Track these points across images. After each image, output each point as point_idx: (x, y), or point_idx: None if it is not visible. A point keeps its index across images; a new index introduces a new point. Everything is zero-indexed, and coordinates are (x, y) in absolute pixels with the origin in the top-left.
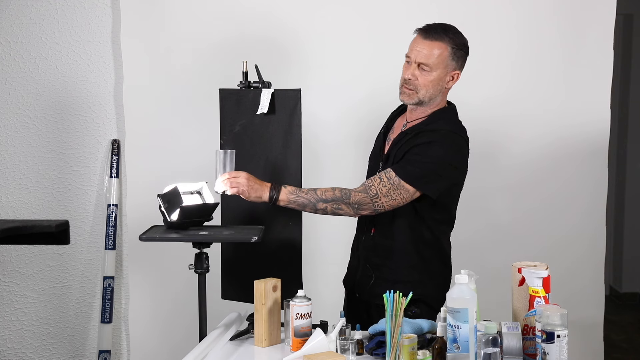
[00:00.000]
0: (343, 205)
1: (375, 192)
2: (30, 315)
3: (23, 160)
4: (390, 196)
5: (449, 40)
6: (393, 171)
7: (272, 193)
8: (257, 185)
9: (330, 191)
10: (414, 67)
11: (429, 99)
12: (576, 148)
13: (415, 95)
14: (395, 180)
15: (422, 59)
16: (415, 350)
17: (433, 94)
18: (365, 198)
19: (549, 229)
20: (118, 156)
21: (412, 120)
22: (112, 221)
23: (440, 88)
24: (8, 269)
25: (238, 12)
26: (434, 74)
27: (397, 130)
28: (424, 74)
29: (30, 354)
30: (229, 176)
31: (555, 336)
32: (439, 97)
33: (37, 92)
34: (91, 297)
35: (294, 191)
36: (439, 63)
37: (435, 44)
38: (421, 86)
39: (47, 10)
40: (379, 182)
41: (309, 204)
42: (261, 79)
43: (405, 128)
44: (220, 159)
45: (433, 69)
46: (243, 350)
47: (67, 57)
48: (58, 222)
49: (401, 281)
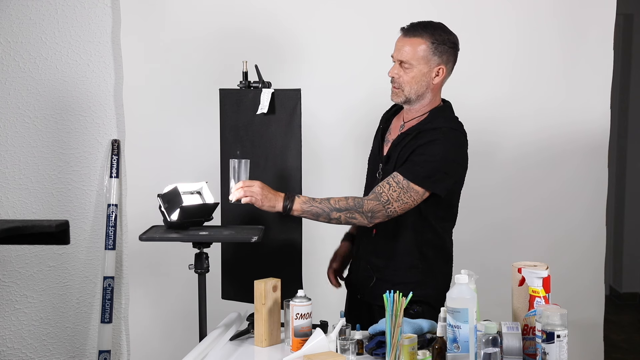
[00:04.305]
0: (357, 214)
1: (387, 199)
2: (30, 315)
3: (23, 160)
4: (401, 200)
5: (428, 36)
6: (400, 174)
7: (286, 203)
8: (270, 195)
9: (344, 200)
10: (397, 66)
11: (416, 95)
12: (576, 148)
13: (402, 94)
14: (404, 184)
15: (402, 56)
16: (415, 350)
17: (418, 90)
18: (377, 205)
19: (549, 229)
20: (118, 156)
21: (410, 119)
22: (112, 221)
23: (425, 84)
24: (8, 269)
25: (238, 12)
26: (415, 70)
27: (395, 130)
28: (406, 71)
29: (30, 354)
30: (243, 185)
31: (555, 336)
32: (429, 94)
33: (37, 92)
34: (91, 297)
35: (307, 201)
36: (419, 59)
37: (413, 40)
38: (405, 83)
39: (47, 10)
40: (389, 188)
41: (323, 214)
42: (261, 79)
43: (403, 129)
44: (235, 169)
45: (414, 65)
46: (243, 350)
47: (67, 57)
48: (58, 222)
49: (402, 282)
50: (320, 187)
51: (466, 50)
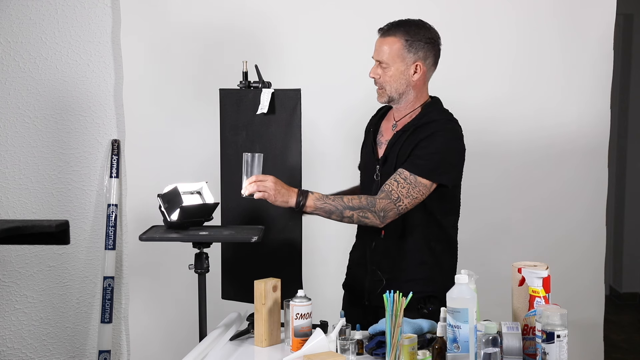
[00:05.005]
0: (369, 214)
1: (397, 196)
2: (30, 315)
3: (23, 160)
4: (411, 196)
5: (401, 34)
6: (406, 170)
7: (300, 198)
8: (284, 190)
9: (357, 199)
10: (376, 66)
11: (398, 94)
12: (576, 147)
13: (384, 93)
14: (412, 179)
15: (379, 56)
16: (415, 350)
17: (399, 89)
18: (389, 204)
19: (549, 229)
20: (118, 156)
21: (400, 118)
22: (112, 221)
23: (404, 82)
24: (8, 269)
25: (238, 12)
26: (392, 69)
27: (387, 132)
28: (385, 70)
29: (30, 354)
30: (256, 179)
31: (555, 336)
32: (411, 91)
33: (37, 92)
34: (91, 297)
35: (321, 198)
36: (394, 57)
37: (387, 39)
38: (385, 83)
39: (47, 10)
40: (397, 185)
41: (336, 211)
42: (261, 79)
43: (396, 128)
44: (248, 162)
45: (390, 64)
46: (243, 350)
47: (67, 57)
48: (58, 222)
49: (412, 280)
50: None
51: (466, 50)
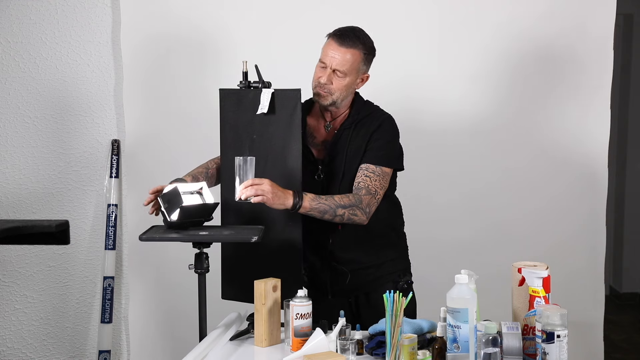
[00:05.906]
0: (357, 211)
1: (375, 190)
2: (30, 315)
3: (23, 160)
4: (383, 186)
5: (362, 47)
6: (371, 164)
7: (296, 200)
8: (280, 192)
9: (346, 197)
10: (330, 73)
11: (342, 100)
12: (576, 148)
13: (330, 97)
14: (379, 170)
15: (337, 65)
16: (415, 350)
17: (345, 96)
18: (371, 199)
19: (549, 229)
20: (118, 156)
21: (335, 118)
22: (112, 221)
23: (352, 90)
24: (8, 269)
25: (238, 12)
26: (347, 79)
27: (319, 132)
28: (339, 79)
29: (30, 354)
30: (252, 183)
31: (555, 336)
32: (350, 96)
33: (37, 92)
34: (91, 297)
35: (315, 198)
36: (352, 69)
37: (349, 51)
38: (335, 90)
39: (47, 10)
40: (371, 180)
41: (329, 210)
42: (261, 79)
43: (332, 128)
44: (240, 166)
45: (347, 75)
46: (243, 350)
47: (67, 57)
48: (58, 222)
49: (384, 262)
50: None
51: (466, 50)
